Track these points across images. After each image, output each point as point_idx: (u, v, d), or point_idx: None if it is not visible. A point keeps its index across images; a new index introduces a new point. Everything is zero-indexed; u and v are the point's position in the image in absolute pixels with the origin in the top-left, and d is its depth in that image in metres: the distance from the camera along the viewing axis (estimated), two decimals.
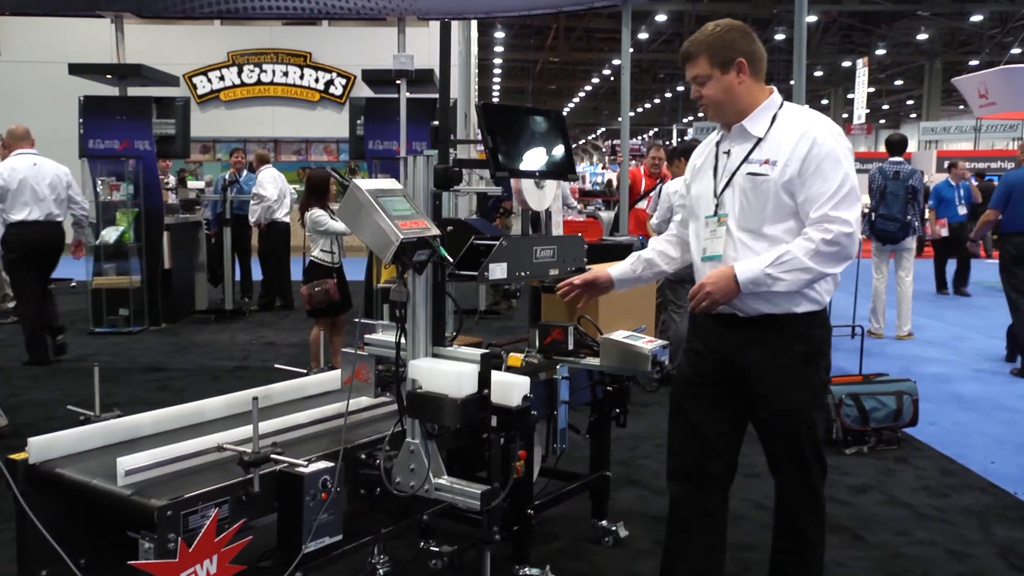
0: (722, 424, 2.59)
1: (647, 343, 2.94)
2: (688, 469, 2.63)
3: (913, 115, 38.64)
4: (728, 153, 2.52)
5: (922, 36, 25.83)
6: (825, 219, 2.33)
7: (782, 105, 2.49)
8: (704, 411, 2.59)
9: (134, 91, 8.94)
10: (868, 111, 28.56)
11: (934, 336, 8.36)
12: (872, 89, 29.64)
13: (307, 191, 5.86)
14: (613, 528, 3.53)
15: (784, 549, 2.65)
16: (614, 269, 2.83)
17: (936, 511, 3.98)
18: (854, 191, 2.37)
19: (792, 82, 5.73)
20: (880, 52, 27.80)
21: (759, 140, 2.45)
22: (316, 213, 5.66)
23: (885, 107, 39.72)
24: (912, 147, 32.26)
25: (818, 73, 31.26)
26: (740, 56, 2.44)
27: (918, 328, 8.38)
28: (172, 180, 10.08)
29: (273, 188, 9.35)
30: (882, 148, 37.44)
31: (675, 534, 2.67)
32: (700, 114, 30.51)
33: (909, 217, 7.74)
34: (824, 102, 37.34)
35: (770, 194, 2.39)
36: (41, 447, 2.28)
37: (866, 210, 7.80)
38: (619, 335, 3.03)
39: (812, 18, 22.66)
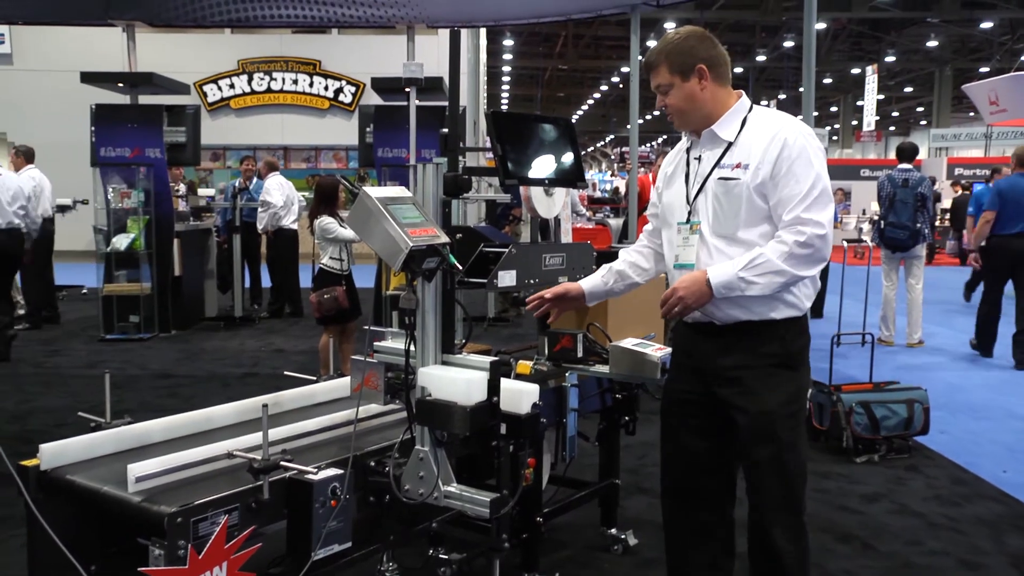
0: (712, 439, 2.52)
1: (656, 351, 2.94)
2: (679, 487, 2.59)
3: (923, 122, 38.51)
4: (699, 159, 2.48)
5: (932, 43, 25.76)
6: (798, 221, 2.30)
7: (751, 108, 2.46)
8: (691, 427, 2.54)
9: (145, 99, 9.00)
10: (878, 118, 28.51)
11: (945, 344, 8.31)
12: (882, 96, 29.59)
13: (316, 198, 5.88)
14: (622, 536, 3.52)
15: None
16: (585, 282, 2.76)
17: (948, 520, 3.95)
18: (826, 192, 2.34)
19: (801, 89, 5.72)
20: (890, 59, 27.73)
21: (730, 144, 2.42)
22: (325, 221, 5.68)
23: (895, 114, 39.61)
24: (922, 154, 32.17)
25: (827, 80, 31.21)
26: (700, 62, 2.41)
27: (929, 336, 8.34)
28: (182, 188, 10.13)
29: (279, 195, 9.39)
30: (892, 155, 37.29)
31: (673, 552, 2.64)
32: None
33: (919, 225, 7.73)
34: (833, 109, 37.28)
35: (743, 198, 2.36)
36: (52, 454, 2.30)
37: (875, 218, 7.82)
38: (628, 342, 3.02)
39: (821, 25, 22.64)
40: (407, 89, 7.55)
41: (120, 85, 8.97)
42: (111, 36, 10.58)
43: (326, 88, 16.52)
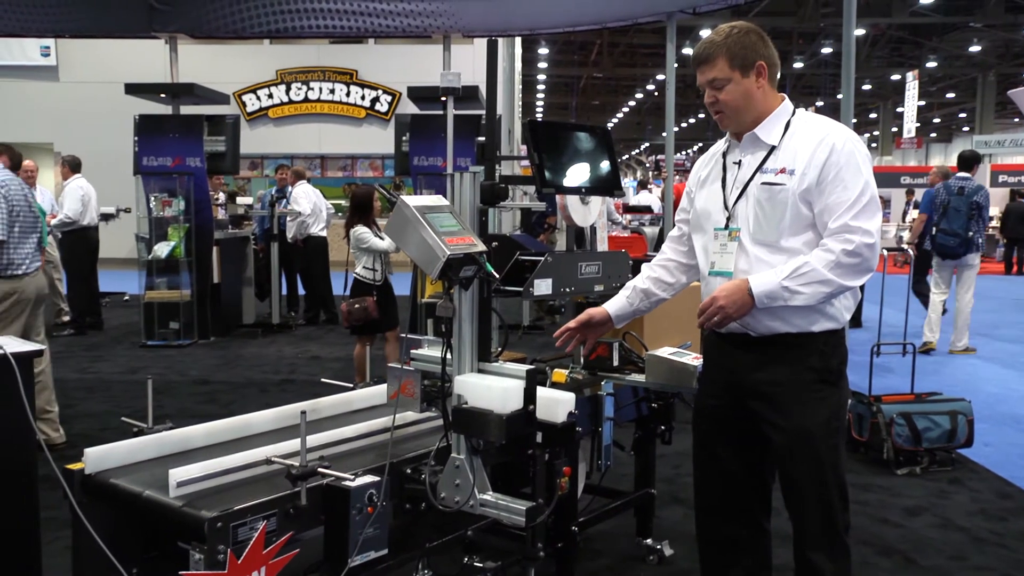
0: (745, 453, 2.45)
1: (693, 359, 2.92)
2: (712, 504, 2.53)
3: (966, 128, 37.82)
4: (739, 163, 2.40)
5: (975, 48, 25.30)
6: (846, 229, 2.22)
7: (794, 112, 2.39)
8: (724, 441, 2.47)
9: (186, 109, 9.17)
10: (918, 124, 28.05)
11: (990, 354, 8.14)
12: (923, 102, 29.11)
13: (351, 208, 5.92)
14: (658, 547, 3.49)
15: None
16: (610, 305, 2.66)
17: (993, 535, 3.86)
18: (875, 200, 2.26)
19: (840, 96, 5.65)
20: (931, 65, 27.30)
21: (773, 148, 2.33)
22: (360, 230, 5.72)
23: (936, 120, 38.95)
24: None
25: (866, 87, 30.80)
26: (760, 59, 2.33)
27: (975, 346, 8.20)
28: (221, 196, 10.29)
29: (307, 203, 9.51)
30: (933, 162, 36.66)
31: (708, 567, 2.60)
32: None
33: (971, 233, 7.72)
34: (872, 116, 36.76)
35: (787, 204, 2.28)
36: (97, 458, 2.34)
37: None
38: (664, 351, 3.01)
39: (860, 31, 22.36)
40: (443, 98, 7.60)
41: (162, 96, 9.15)
42: (153, 48, 10.81)
43: (363, 97, 16.68)
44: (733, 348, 2.41)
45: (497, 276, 2.47)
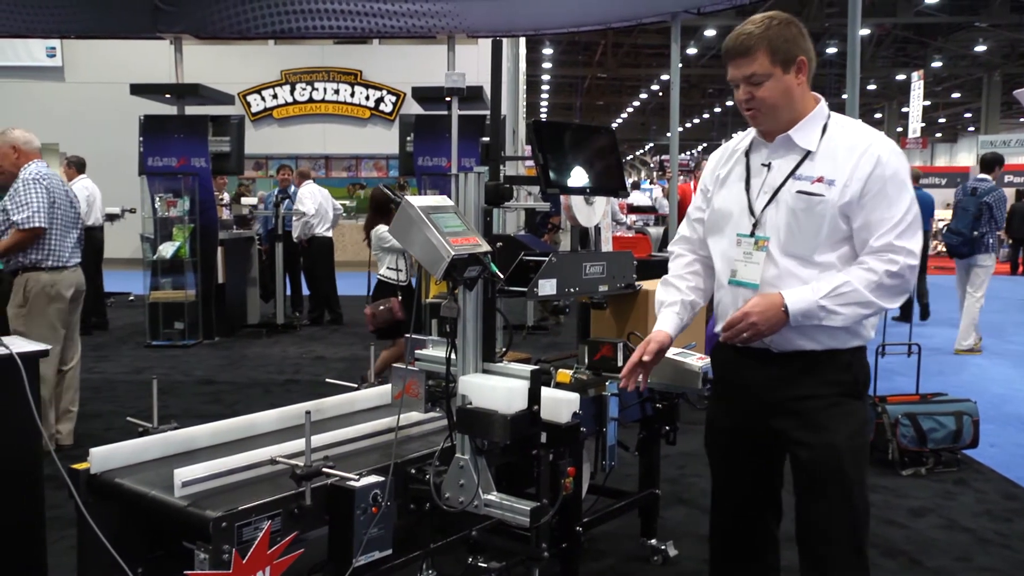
0: (765, 470, 2.36)
1: (697, 360, 2.92)
2: (728, 528, 2.44)
3: (971, 128, 37.73)
4: (768, 166, 2.23)
5: (980, 48, 25.24)
6: (890, 248, 2.09)
7: (830, 116, 2.24)
8: (741, 461, 2.36)
9: (191, 110, 9.18)
10: (924, 125, 27.99)
11: (996, 355, 8.12)
12: (928, 102, 29.05)
13: (372, 208, 5.83)
14: (662, 547, 3.49)
15: None
16: (668, 327, 2.38)
17: (998, 536, 3.85)
18: (918, 218, 2.14)
19: (845, 96, 5.65)
20: (936, 65, 27.24)
21: (808, 153, 2.18)
22: (381, 230, 5.64)
23: (941, 120, 38.86)
24: (970, 161, 31.51)
25: (871, 87, 30.75)
26: (802, 54, 2.16)
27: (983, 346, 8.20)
28: (226, 196, 10.31)
29: (311, 203, 9.51)
30: (939, 163, 36.55)
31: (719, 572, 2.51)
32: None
33: (975, 233, 7.74)
34: (877, 116, 36.69)
35: (826, 217, 2.12)
36: (102, 457, 2.34)
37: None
38: (669, 352, 3.00)
39: (865, 31, 22.33)
40: (448, 99, 7.60)
41: (167, 96, 9.16)
42: (158, 49, 10.83)
43: (367, 98, 16.70)
44: (752, 364, 2.27)
45: (501, 276, 2.47)
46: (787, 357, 2.20)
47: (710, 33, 23.61)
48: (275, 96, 16.70)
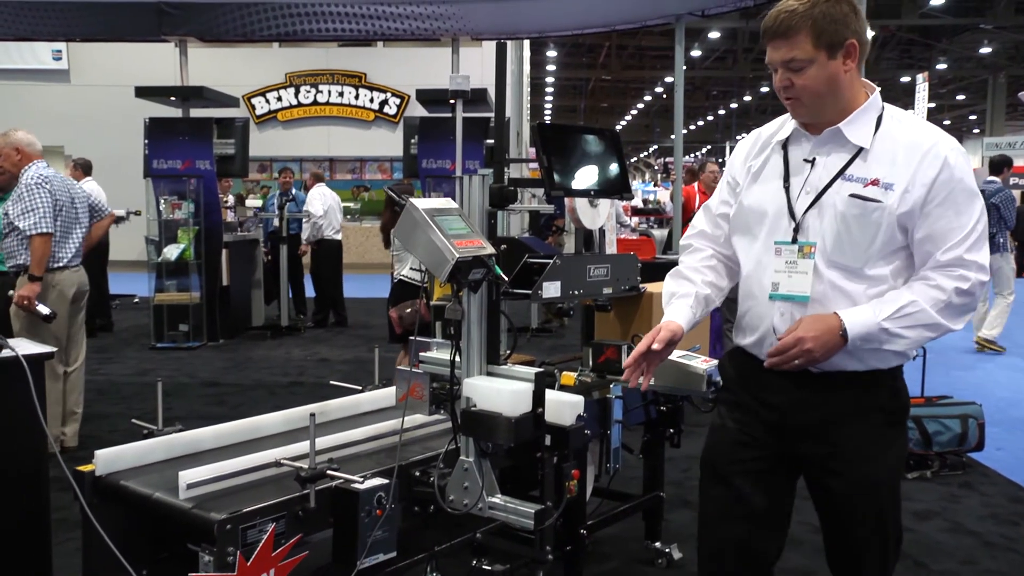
0: (776, 497, 2.09)
1: (702, 363, 2.91)
2: (731, 550, 2.10)
3: (976, 130, 37.66)
4: (811, 162, 1.96)
5: (985, 49, 25.20)
6: (959, 263, 1.86)
7: (884, 108, 1.96)
8: (755, 482, 2.06)
9: (196, 112, 9.20)
10: None
11: (1003, 358, 8.11)
12: (933, 104, 29.00)
13: (388, 208, 5.75)
14: (667, 550, 3.48)
15: None
16: (680, 319, 2.10)
17: (1004, 540, 3.84)
18: (987, 229, 1.91)
19: None
20: (941, 67, 27.20)
21: (860, 151, 1.91)
22: None
23: (947, 122, 38.77)
24: (976, 163, 31.42)
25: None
26: (852, 37, 1.88)
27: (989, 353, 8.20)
28: (231, 199, 10.32)
29: (320, 205, 9.49)
30: None
31: None
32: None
33: None
34: None
35: (882, 226, 1.87)
36: (107, 460, 2.35)
37: None
38: (673, 355, 3.00)
39: (870, 33, 22.26)
40: (452, 101, 7.62)
41: (172, 99, 9.19)
42: (164, 51, 10.86)
43: (371, 100, 16.74)
44: (782, 384, 2.00)
45: (506, 279, 2.47)
46: (823, 377, 1.96)
47: (714, 35, 23.62)
48: (279, 98, 16.74)
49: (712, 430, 2.19)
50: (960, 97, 33.02)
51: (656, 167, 41.56)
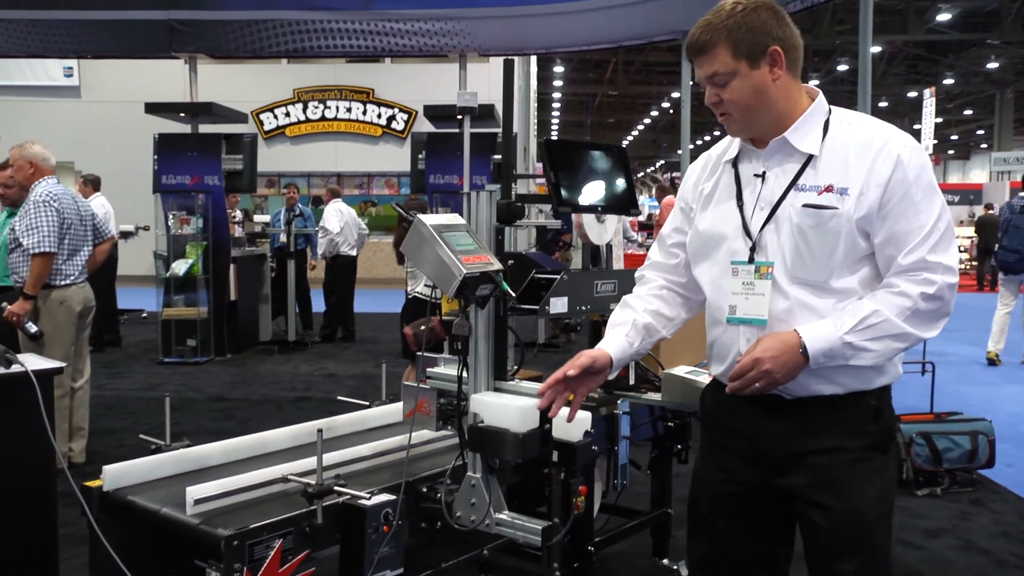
0: (764, 544, 1.96)
1: (709, 378, 2.90)
2: None
3: (984, 145, 37.63)
4: (761, 176, 1.86)
5: (992, 65, 25.22)
6: (923, 266, 1.75)
7: (831, 111, 1.87)
8: (739, 529, 1.95)
9: (205, 128, 9.26)
10: (936, 142, 27.94)
11: (1013, 374, 8.06)
12: (940, 119, 29.00)
13: (402, 224, 5.76)
14: (675, 567, 3.46)
15: None
16: (610, 347, 2.01)
17: (1016, 558, 3.80)
18: (951, 227, 1.80)
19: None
20: (948, 82, 27.22)
21: (811, 158, 1.82)
22: None
23: (954, 137, 38.78)
24: (983, 178, 31.40)
25: (883, 104, 30.73)
26: (774, 43, 1.79)
27: (998, 366, 8.17)
28: (238, 214, 10.37)
29: (337, 222, 9.52)
30: (951, 180, 36.48)
31: None
32: None
33: None
34: None
35: (841, 234, 1.77)
36: (115, 475, 2.35)
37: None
38: (681, 370, 3.00)
39: (876, 48, 22.34)
40: (459, 117, 7.64)
41: (182, 115, 9.25)
42: (173, 68, 10.96)
43: (379, 116, 16.82)
44: (758, 413, 1.89)
45: (513, 295, 2.47)
46: (803, 403, 1.85)
47: None
48: (287, 114, 16.84)
49: (693, 473, 2.08)
50: (967, 112, 33.01)
51: (663, 182, 41.60)
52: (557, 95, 30.98)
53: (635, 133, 40.40)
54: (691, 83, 7.82)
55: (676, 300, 2.09)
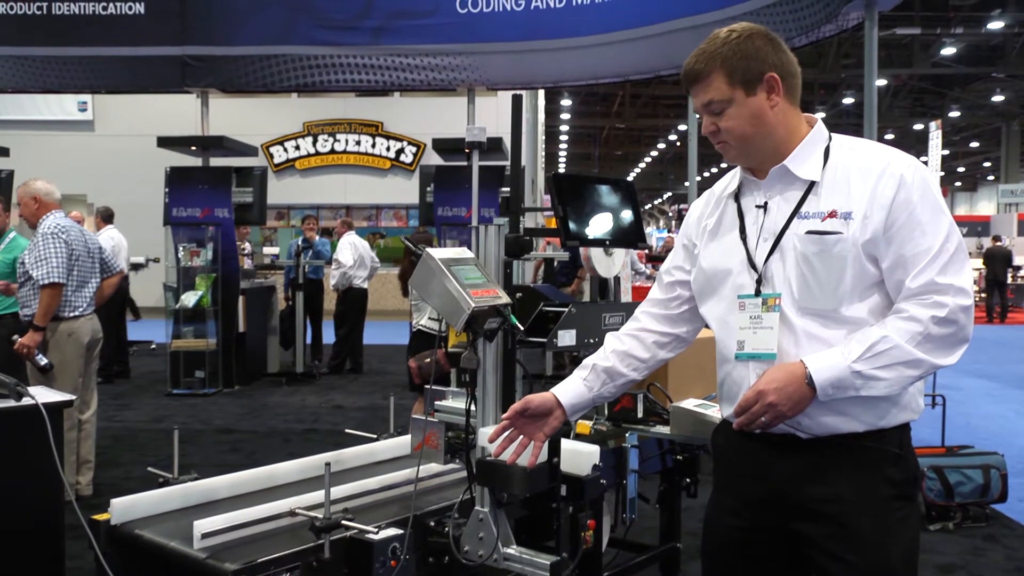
0: None
1: (719, 412, 2.89)
2: None
3: (990, 177, 37.65)
4: (764, 207, 1.82)
5: (998, 98, 25.33)
6: (932, 288, 1.66)
7: (831, 138, 1.83)
8: (751, 573, 1.89)
9: (216, 161, 9.36)
10: (943, 174, 27.99)
11: None
12: (946, 151, 29.08)
13: (407, 258, 5.77)
14: None
15: None
16: (562, 392, 1.99)
17: None
18: (963, 246, 1.71)
19: None
20: (954, 114, 27.32)
21: (812, 185, 1.77)
22: None
23: (960, 169, 38.84)
24: (991, 210, 31.39)
25: (889, 136, 30.85)
26: (770, 70, 1.77)
27: (1005, 399, 8.08)
28: (248, 246, 10.43)
29: (351, 254, 9.57)
30: (959, 211, 36.55)
31: None
32: None
33: None
34: None
35: (847, 260, 1.70)
36: (123, 508, 2.35)
37: None
38: (689, 403, 2.99)
39: (882, 82, 22.48)
40: (467, 150, 7.70)
41: (193, 148, 9.36)
42: (185, 102, 11.09)
43: (388, 148, 16.95)
44: (771, 453, 1.79)
45: (521, 328, 2.47)
46: (819, 443, 1.75)
47: None
48: (297, 147, 16.99)
49: (705, 517, 2.00)
50: (974, 144, 33.10)
51: (670, 214, 41.65)
52: (565, 128, 31.22)
53: (642, 165, 40.58)
54: (697, 116, 7.89)
55: (657, 342, 2.03)
